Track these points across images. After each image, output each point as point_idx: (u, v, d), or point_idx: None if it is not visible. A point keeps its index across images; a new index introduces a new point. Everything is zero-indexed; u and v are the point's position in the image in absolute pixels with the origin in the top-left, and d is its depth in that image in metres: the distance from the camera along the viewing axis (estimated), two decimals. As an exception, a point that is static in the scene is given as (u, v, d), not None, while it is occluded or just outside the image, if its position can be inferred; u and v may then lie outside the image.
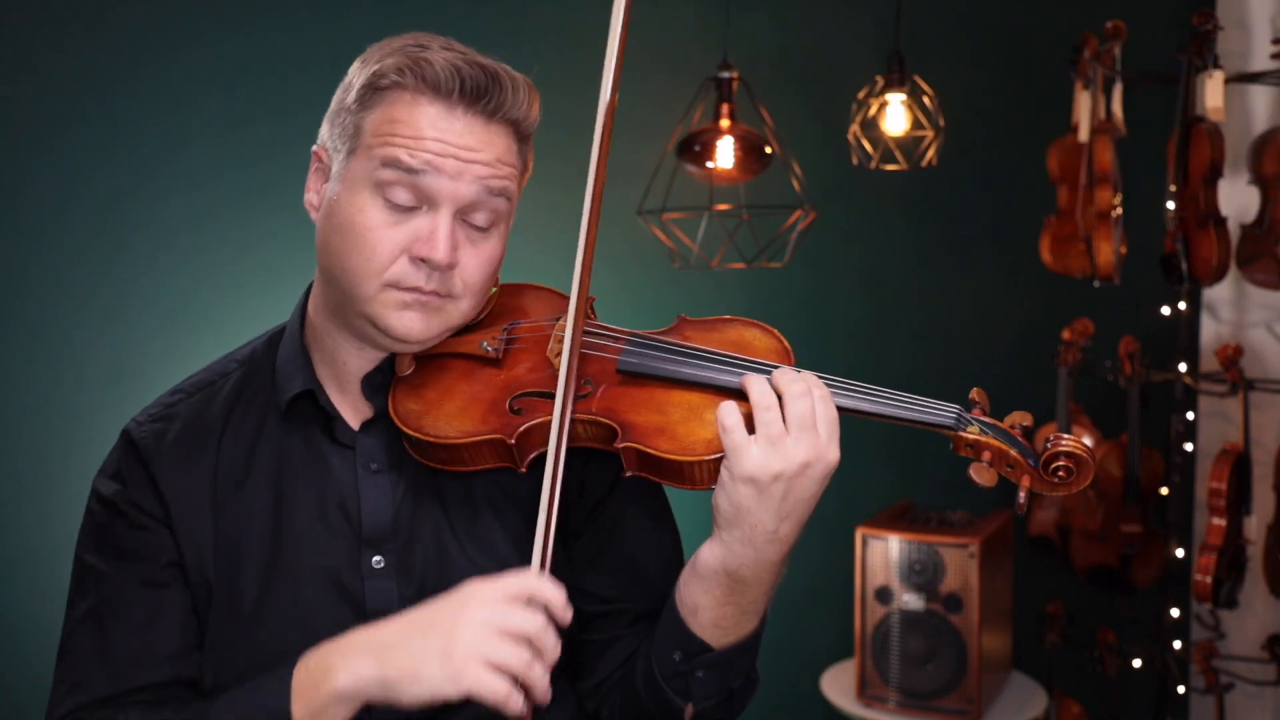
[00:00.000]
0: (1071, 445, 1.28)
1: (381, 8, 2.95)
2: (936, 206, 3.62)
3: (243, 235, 2.89)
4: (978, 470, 1.31)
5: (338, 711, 1.23)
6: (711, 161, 2.93)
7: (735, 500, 1.26)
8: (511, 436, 1.32)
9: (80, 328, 2.79)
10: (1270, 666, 3.32)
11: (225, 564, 1.38)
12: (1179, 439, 3.27)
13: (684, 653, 1.35)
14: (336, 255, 1.34)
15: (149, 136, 2.81)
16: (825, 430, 1.27)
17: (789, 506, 1.27)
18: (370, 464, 1.41)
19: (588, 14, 3.25)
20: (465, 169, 1.31)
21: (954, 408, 1.33)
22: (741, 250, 3.04)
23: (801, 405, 1.26)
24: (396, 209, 1.32)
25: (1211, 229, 3.06)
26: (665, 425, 1.31)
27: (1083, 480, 1.28)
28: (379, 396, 1.41)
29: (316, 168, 1.41)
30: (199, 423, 1.43)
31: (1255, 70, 3.26)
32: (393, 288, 1.33)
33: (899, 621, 3.08)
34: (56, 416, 2.78)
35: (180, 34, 2.82)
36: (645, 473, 1.31)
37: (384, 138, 1.31)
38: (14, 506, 2.75)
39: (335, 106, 1.38)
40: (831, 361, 1.46)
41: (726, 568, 1.30)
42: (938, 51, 3.38)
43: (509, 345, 1.42)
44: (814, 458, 1.26)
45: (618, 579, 1.46)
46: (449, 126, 1.31)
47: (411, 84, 1.32)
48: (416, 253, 1.32)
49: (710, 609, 1.33)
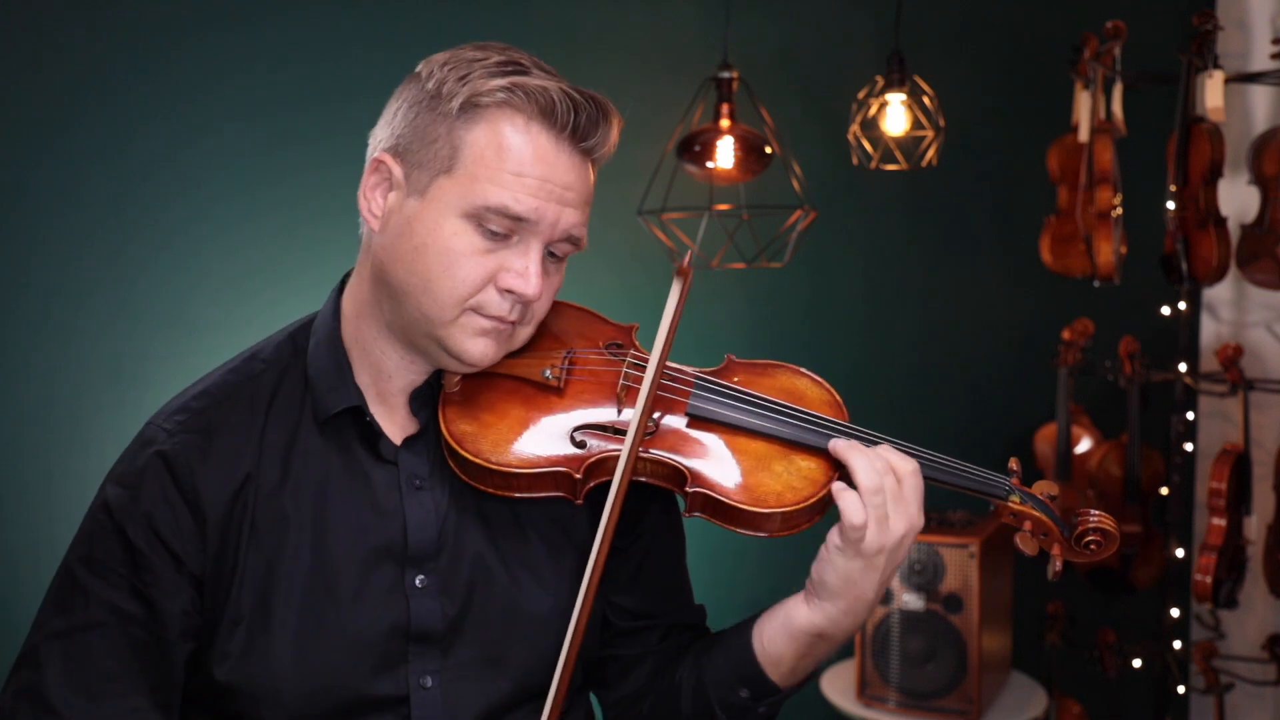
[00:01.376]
0: (1100, 521, 1.39)
1: (382, 7, 2.95)
2: (936, 206, 3.62)
3: (243, 235, 2.89)
4: (1023, 540, 1.41)
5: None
6: (711, 161, 2.93)
7: (844, 574, 1.32)
8: (579, 470, 1.33)
9: (80, 328, 2.79)
10: (1270, 666, 3.32)
11: (258, 578, 1.33)
12: (1179, 439, 3.27)
13: (753, 692, 1.40)
14: (418, 275, 1.30)
15: (149, 136, 2.81)
16: (916, 502, 1.34)
17: (887, 575, 1.34)
18: (414, 480, 1.38)
19: (588, 14, 3.26)
20: (564, 211, 1.31)
21: (1003, 478, 1.41)
22: (741, 250, 3.04)
23: (910, 484, 1.33)
24: (490, 236, 1.30)
25: (1211, 229, 3.06)
26: (733, 473, 1.35)
27: (1108, 550, 1.41)
28: (425, 412, 1.39)
29: (379, 177, 1.34)
30: (233, 430, 1.36)
31: (1255, 70, 3.26)
32: (474, 313, 1.31)
33: (899, 621, 3.08)
34: (57, 416, 2.77)
35: (180, 33, 2.82)
36: (709, 515, 1.35)
37: (490, 170, 1.28)
38: (14, 506, 2.75)
39: (418, 116, 1.31)
40: (831, 361, 1.48)
41: (823, 633, 1.36)
42: (938, 51, 3.37)
43: (569, 374, 1.41)
44: (909, 530, 1.33)
45: (651, 595, 1.49)
46: (556, 161, 1.30)
47: (524, 106, 1.29)
48: (505, 284, 1.30)
49: (791, 661, 1.39)
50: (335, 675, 1.32)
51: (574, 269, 1.39)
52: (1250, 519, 3.17)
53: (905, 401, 3.58)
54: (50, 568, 1.37)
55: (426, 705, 1.36)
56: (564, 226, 1.31)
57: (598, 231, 1.37)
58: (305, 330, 1.44)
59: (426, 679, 1.36)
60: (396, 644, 1.35)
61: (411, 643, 1.36)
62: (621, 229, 3.07)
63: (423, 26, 2.92)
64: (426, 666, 1.36)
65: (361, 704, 1.34)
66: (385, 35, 2.90)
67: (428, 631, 1.36)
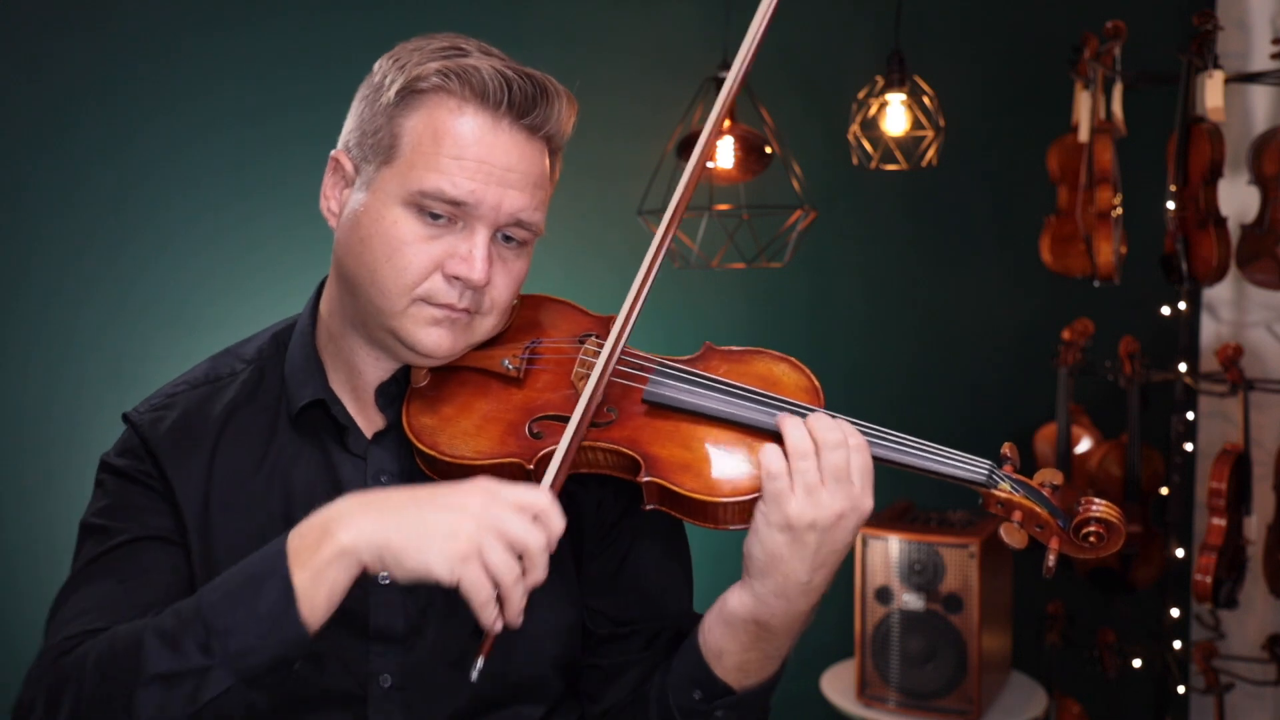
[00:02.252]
0: (1103, 511, 1.26)
1: (382, 7, 2.95)
2: (936, 206, 3.62)
3: (243, 234, 2.89)
4: (1008, 531, 1.28)
5: (338, 574, 1.15)
6: (711, 161, 2.93)
7: (769, 548, 1.24)
8: (530, 461, 1.29)
9: (80, 328, 2.79)
10: (1270, 666, 3.32)
11: (222, 565, 1.33)
12: (1179, 439, 3.27)
13: (705, 693, 1.33)
14: (365, 267, 1.30)
15: (149, 136, 2.81)
16: (860, 480, 1.24)
17: (823, 556, 1.24)
18: (381, 475, 1.39)
19: (588, 14, 3.26)
20: (505, 193, 1.28)
21: (986, 463, 1.29)
22: (741, 250, 3.04)
23: (837, 456, 1.24)
24: (431, 222, 1.28)
25: (1211, 229, 3.06)
26: (691, 462, 1.28)
27: (1113, 545, 1.26)
28: (393, 407, 1.39)
29: (335, 174, 1.36)
30: (198, 415, 1.41)
31: (1255, 70, 3.26)
32: (423, 302, 1.30)
33: (899, 621, 3.08)
34: (57, 416, 2.78)
35: (180, 33, 2.82)
36: (666, 507, 1.29)
37: (426, 156, 1.27)
38: (15, 506, 2.75)
39: (364, 110, 1.33)
40: (831, 362, 1.46)
41: (757, 618, 1.28)
42: (938, 51, 3.38)
43: (530, 364, 1.38)
44: (848, 508, 1.23)
45: (631, 601, 1.44)
46: (494, 141, 1.27)
47: (456, 89, 1.28)
48: (451, 270, 1.29)
49: (735, 654, 1.31)
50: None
51: (574, 269, 1.39)
52: (1250, 519, 3.17)
53: (905, 401, 3.58)
54: (50, 568, 1.37)
55: (384, 706, 1.35)
56: (508, 209, 1.29)
57: (598, 231, 1.36)
58: (289, 330, 1.47)
59: (385, 678, 1.35)
60: (355, 640, 1.34)
61: (371, 640, 1.35)
62: (621, 229, 3.07)
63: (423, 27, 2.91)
64: (386, 665, 1.35)
65: (316, 699, 1.34)
66: (385, 36, 2.88)
67: (388, 629, 1.35)
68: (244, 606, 1.15)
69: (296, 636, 1.14)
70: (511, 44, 1.35)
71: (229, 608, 1.15)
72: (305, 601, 1.14)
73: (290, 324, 1.48)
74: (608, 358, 1.29)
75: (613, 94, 3.16)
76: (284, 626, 1.14)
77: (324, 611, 1.15)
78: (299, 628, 1.14)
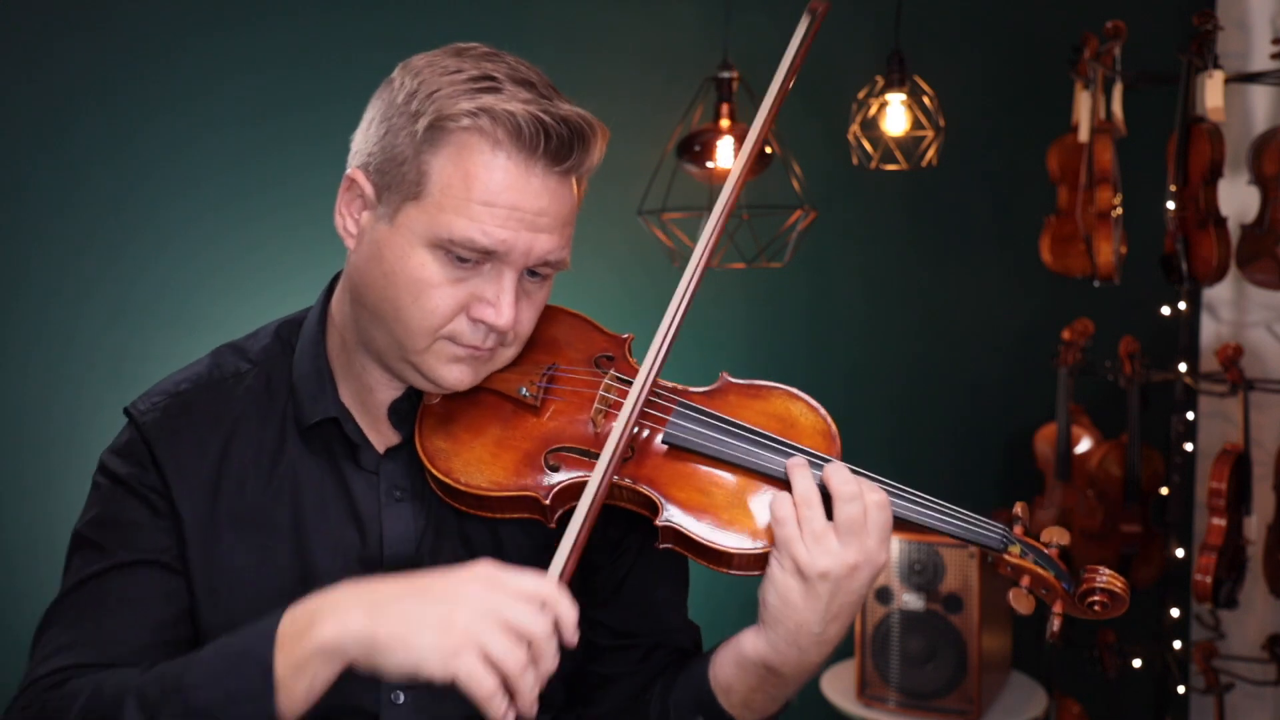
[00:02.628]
0: (1109, 582, 1.29)
1: (383, 7, 2.95)
2: (936, 206, 3.62)
3: (243, 235, 2.89)
4: (1016, 596, 1.32)
5: (320, 669, 1.11)
6: (711, 161, 2.93)
7: (783, 594, 1.24)
8: (546, 497, 1.29)
9: (80, 328, 2.79)
10: (1270, 666, 3.32)
11: (227, 580, 1.34)
12: (1179, 439, 3.27)
13: (707, 719, 1.35)
14: (389, 303, 1.27)
15: (149, 136, 2.81)
16: (876, 535, 1.24)
17: (836, 608, 1.24)
18: (394, 491, 1.37)
19: (588, 14, 3.26)
20: (536, 237, 1.25)
21: (1000, 527, 1.31)
22: (741, 250, 3.04)
23: (851, 509, 1.23)
24: (460, 264, 1.25)
25: (1211, 229, 3.06)
26: (708, 507, 1.28)
27: (1115, 613, 1.30)
28: (405, 425, 1.37)
29: (352, 194, 1.32)
30: (203, 417, 1.38)
31: (1255, 70, 3.26)
32: (448, 341, 1.28)
33: (899, 621, 3.08)
34: (57, 417, 2.77)
35: (180, 33, 2.82)
36: (680, 549, 1.29)
37: (456, 201, 1.23)
38: (14, 506, 2.75)
39: (385, 132, 1.28)
40: (831, 362, 1.46)
41: (768, 663, 1.28)
42: (938, 51, 3.38)
43: (548, 393, 1.36)
44: (862, 560, 1.23)
45: (633, 614, 1.44)
46: (525, 187, 1.24)
47: (489, 131, 1.23)
48: (477, 315, 1.26)
49: (742, 693, 1.32)
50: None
51: (574, 269, 1.38)
52: (1250, 519, 3.17)
53: (905, 402, 3.58)
54: (50, 568, 1.37)
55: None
56: (538, 253, 1.26)
57: (598, 231, 1.36)
58: (292, 328, 1.44)
59: (398, 694, 1.34)
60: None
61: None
62: (621, 229, 3.07)
63: (423, 27, 2.92)
64: (400, 682, 1.33)
65: (330, 716, 1.31)
66: (385, 35, 2.89)
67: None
68: (223, 686, 1.13)
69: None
70: (512, 44, 1.35)
71: (208, 683, 1.14)
72: (284, 691, 1.12)
73: (295, 320, 1.45)
74: (639, 394, 1.28)
75: (613, 94, 3.16)
76: (258, 713, 1.12)
77: (302, 704, 1.13)
78: (273, 717, 1.12)
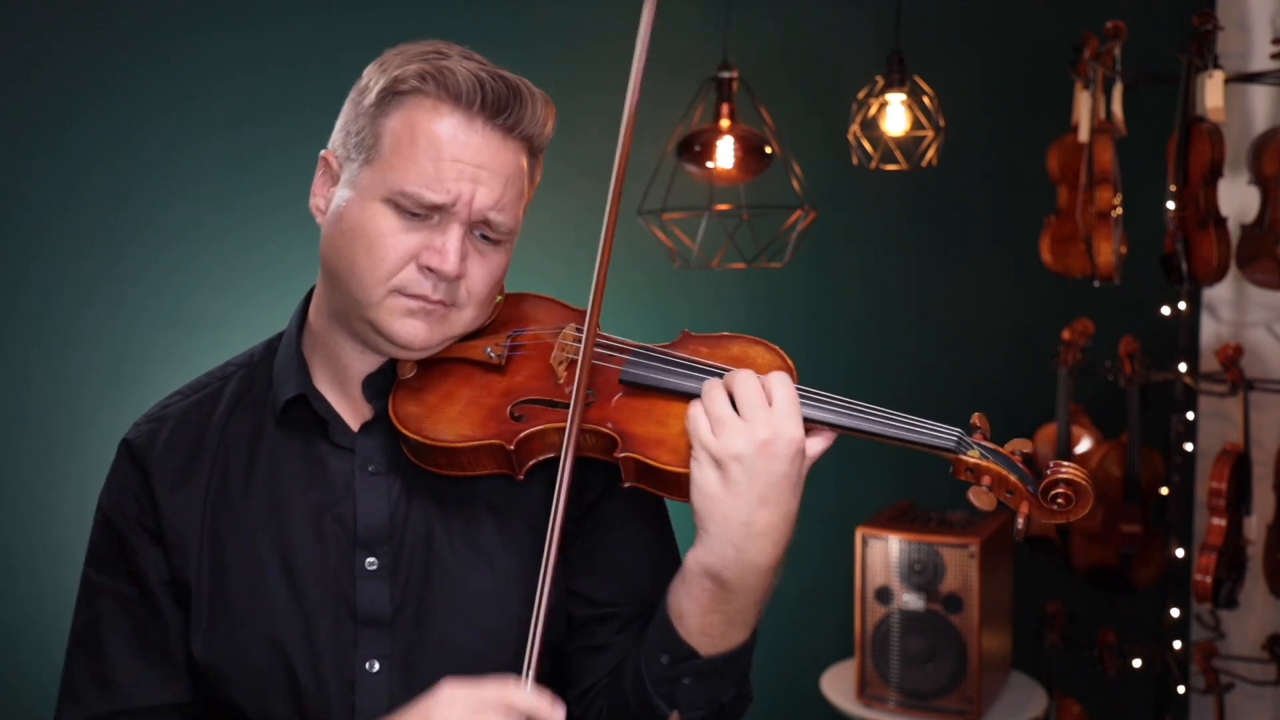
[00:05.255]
0: (1071, 473, 1.28)
1: (382, 7, 2.95)
2: (936, 206, 3.62)
3: (243, 235, 2.89)
4: (976, 494, 1.30)
5: None
6: (711, 161, 2.93)
7: (703, 488, 1.25)
8: (511, 442, 1.33)
9: (80, 328, 2.79)
10: (1270, 666, 3.32)
11: (216, 565, 1.39)
12: (1179, 439, 3.27)
13: (671, 657, 1.32)
14: (344, 259, 1.35)
15: (149, 136, 2.81)
16: (782, 410, 1.26)
17: (759, 491, 1.24)
18: (368, 465, 1.41)
19: (588, 14, 3.26)
20: (477, 189, 1.33)
21: (955, 431, 1.31)
22: (741, 250, 3.04)
23: (747, 387, 1.27)
24: (408, 216, 1.33)
25: (1211, 229, 3.06)
26: (665, 437, 1.32)
27: (1081, 509, 1.28)
28: (380, 399, 1.42)
29: (324, 173, 1.41)
30: (194, 422, 1.45)
31: (1255, 70, 3.26)
32: (399, 294, 1.34)
33: (899, 621, 3.08)
34: (56, 417, 2.78)
35: (180, 33, 2.82)
36: (643, 483, 1.32)
37: (404, 157, 1.32)
38: (14, 507, 2.75)
39: (350, 111, 1.39)
40: (831, 362, 1.47)
41: (709, 569, 1.27)
42: (938, 51, 3.38)
43: (512, 352, 1.43)
44: (771, 434, 1.24)
45: (610, 583, 1.45)
46: (468, 140, 1.32)
47: (433, 91, 1.33)
48: (425, 262, 1.33)
49: (696, 615, 1.30)
50: (284, 656, 1.36)
51: (574, 269, 1.39)
52: (1250, 519, 3.17)
53: (905, 401, 3.56)
54: (50, 568, 1.39)
55: (372, 691, 1.37)
56: (480, 205, 1.33)
57: (597, 231, 1.37)
58: (279, 337, 1.52)
59: (373, 664, 1.37)
60: (344, 627, 1.37)
61: (360, 626, 1.37)
62: (621, 229, 3.05)
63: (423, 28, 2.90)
64: (374, 651, 1.37)
65: (309, 686, 1.36)
66: (385, 36, 2.88)
67: (375, 615, 1.37)
68: None
69: None
70: (512, 44, 1.36)
71: None
72: None
73: (283, 332, 1.52)
74: (586, 341, 1.33)
75: (613, 94, 3.16)
76: None
77: None
78: None
